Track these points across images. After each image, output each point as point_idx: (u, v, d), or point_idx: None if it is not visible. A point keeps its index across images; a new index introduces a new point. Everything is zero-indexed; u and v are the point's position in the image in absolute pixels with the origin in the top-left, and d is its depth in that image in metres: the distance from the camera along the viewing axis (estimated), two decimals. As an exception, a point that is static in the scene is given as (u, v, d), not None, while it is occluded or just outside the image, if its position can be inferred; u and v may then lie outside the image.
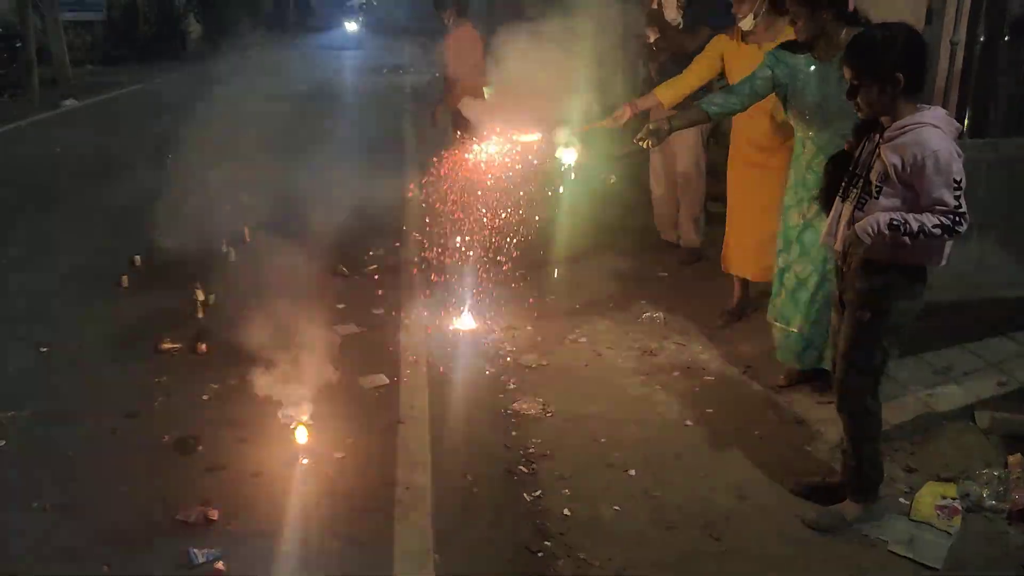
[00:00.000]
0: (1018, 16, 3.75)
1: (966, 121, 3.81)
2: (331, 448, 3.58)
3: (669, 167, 5.80)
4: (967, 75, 3.75)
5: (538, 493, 3.32)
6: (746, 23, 4.22)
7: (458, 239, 5.70)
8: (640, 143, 3.81)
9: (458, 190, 5.13)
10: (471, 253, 5.86)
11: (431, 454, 3.56)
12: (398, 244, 5.96)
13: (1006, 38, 3.76)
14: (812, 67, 3.56)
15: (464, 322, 4.88)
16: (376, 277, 5.50)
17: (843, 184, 2.96)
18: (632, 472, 3.45)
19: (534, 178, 7.39)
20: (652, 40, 5.54)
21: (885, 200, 2.78)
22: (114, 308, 5.07)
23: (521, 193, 5.23)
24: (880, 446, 3.10)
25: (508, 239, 6.06)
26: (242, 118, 10.07)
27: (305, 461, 3.49)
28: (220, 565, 2.87)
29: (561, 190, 5.42)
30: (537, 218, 6.33)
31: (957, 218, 2.68)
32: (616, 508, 3.23)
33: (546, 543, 3.04)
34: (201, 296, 4.96)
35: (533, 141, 4.55)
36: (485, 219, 5.78)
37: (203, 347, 4.46)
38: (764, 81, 3.68)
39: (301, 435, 3.59)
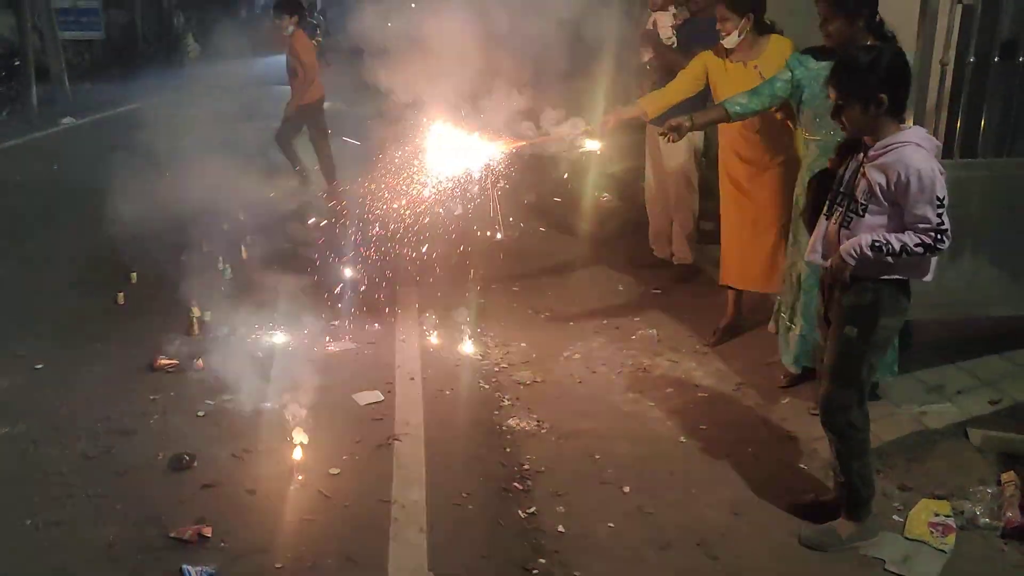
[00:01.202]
0: (1007, 38, 3.80)
1: (956, 140, 3.85)
2: (326, 465, 3.58)
3: (662, 184, 5.83)
4: (957, 95, 3.79)
5: (533, 510, 3.32)
6: (730, 41, 4.30)
7: (451, 254, 5.73)
8: (662, 137, 4.01)
9: (449, 204, 5.16)
10: (464, 268, 5.88)
11: (426, 471, 3.56)
12: (393, 259, 5.97)
13: (995, 59, 3.80)
14: None
15: (458, 338, 4.89)
16: (370, 292, 5.51)
17: (827, 202, 3.00)
18: (626, 489, 3.45)
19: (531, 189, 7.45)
20: (646, 59, 5.61)
21: (871, 218, 2.83)
22: (110, 325, 5.07)
23: (517, 208, 5.26)
24: (870, 462, 3.11)
25: (501, 255, 6.10)
26: (239, 138, 10.10)
27: (300, 478, 3.49)
28: (214, 582, 2.86)
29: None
30: (532, 233, 6.36)
31: (939, 235, 2.73)
32: (611, 525, 3.23)
33: (541, 561, 3.03)
34: (197, 313, 4.97)
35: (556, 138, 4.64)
36: (477, 234, 5.81)
37: (199, 364, 4.46)
38: (784, 83, 3.83)
39: (296, 452, 3.59)
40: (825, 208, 3.01)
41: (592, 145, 4.61)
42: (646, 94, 4.94)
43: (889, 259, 2.78)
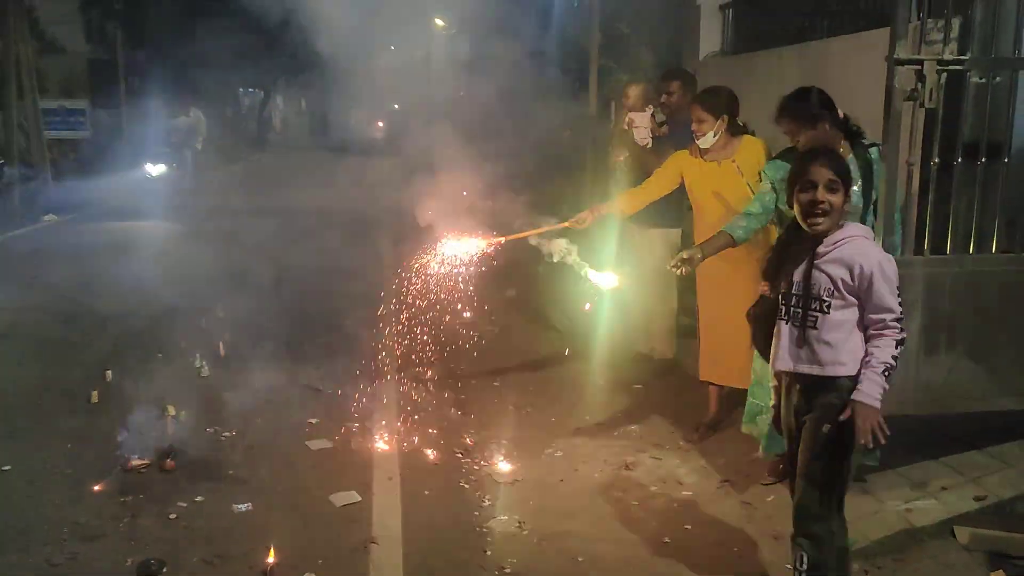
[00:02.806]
0: (968, 140, 3.94)
1: (926, 238, 3.94)
2: (300, 569, 3.46)
3: (641, 280, 5.88)
4: (925, 194, 3.91)
5: (514, 616, 3.21)
6: (705, 141, 4.45)
7: (431, 350, 5.72)
8: (674, 270, 3.99)
9: (429, 300, 5.19)
10: (445, 364, 5.86)
11: (403, 575, 3.45)
12: (372, 356, 5.94)
13: (958, 160, 3.93)
14: None
15: (438, 436, 4.82)
16: (348, 389, 5.45)
17: (782, 306, 2.96)
18: (611, 593, 3.36)
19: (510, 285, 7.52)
20: (621, 159, 5.76)
21: (835, 314, 2.82)
22: (82, 424, 4.96)
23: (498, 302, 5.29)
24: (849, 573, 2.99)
25: (482, 351, 6.09)
26: (218, 233, 10.17)
27: (273, 584, 3.37)
28: None
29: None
30: (513, 327, 6.36)
31: (901, 326, 2.78)
32: (595, 632, 3.13)
33: (522, 670, 2.92)
34: (171, 411, 4.89)
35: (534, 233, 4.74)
36: (459, 330, 5.83)
37: (171, 464, 4.35)
38: (771, 194, 3.95)
39: (270, 556, 3.49)
40: (781, 312, 2.97)
41: (609, 282, 4.74)
42: (621, 192, 5.07)
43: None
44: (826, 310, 2.83)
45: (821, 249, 2.85)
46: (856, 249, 2.80)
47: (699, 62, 8.29)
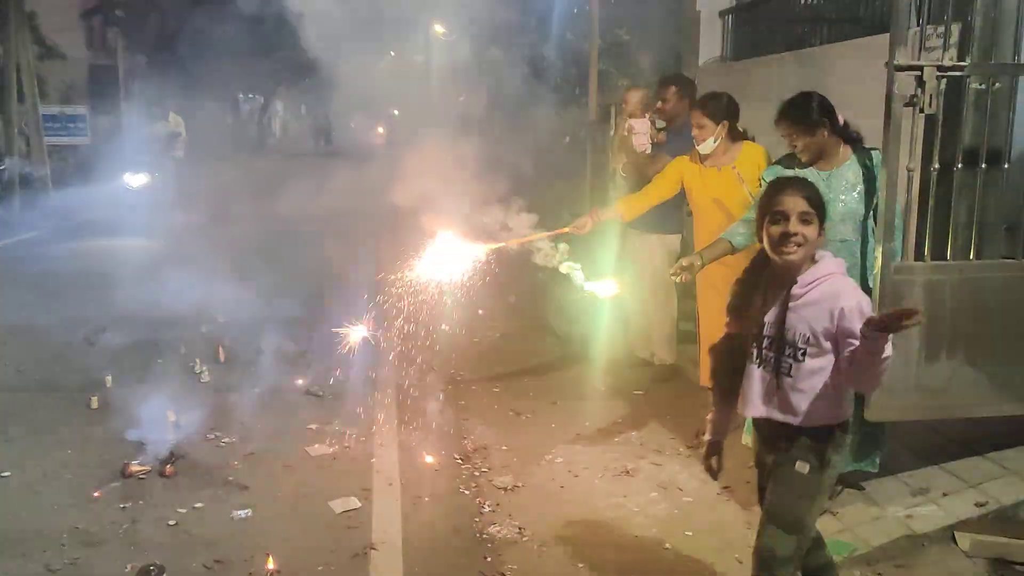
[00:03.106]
0: (969, 146, 3.94)
1: (926, 244, 3.94)
2: (300, 575, 3.46)
3: (641, 285, 5.89)
4: (925, 200, 3.90)
5: (515, 623, 3.21)
6: (705, 147, 4.47)
7: (431, 355, 5.71)
8: (674, 278, 3.96)
9: (428, 305, 5.18)
10: (444, 370, 5.85)
11: (404, 582, 3.45)
12: (371, 362, 5.94)
13: (958, 165, 3.93)
14: (816, 177, 3.71)
15: (438, 442, 4.82)
16: (348, 395, 5.45)
17: (753, 348, 2.76)
18: (611, 599, 3.35)
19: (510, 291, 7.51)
20: (620, 164, 5.77)
21: (811, 361, 2.64)
22: (82, 430, 4.96)
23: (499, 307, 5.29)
24: None
25: (482, 356, 6.08)
26: (217, 237, 10.15)
27: (273, 590, 3.37)
28: None
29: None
30: (513, 332, 6.35)
31: None
32: (595, 638, 3.12)
33: (523, 677, 2.92)
34: (171, 416, 4.88)
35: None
36: (459, 335, 5.82)
37: (171, 470, 4.35)
38: None
39: (269, 562, 3.48)
40: (752, 355, 2.79)
41: (609, 289, 4.74)
42: (621, 198, 5.08)
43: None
44: (800, 358, 2.65)
45: (796, 291, 2.65)
46: (834, 289, 2.62)
47: (699, 68, 8.31)
